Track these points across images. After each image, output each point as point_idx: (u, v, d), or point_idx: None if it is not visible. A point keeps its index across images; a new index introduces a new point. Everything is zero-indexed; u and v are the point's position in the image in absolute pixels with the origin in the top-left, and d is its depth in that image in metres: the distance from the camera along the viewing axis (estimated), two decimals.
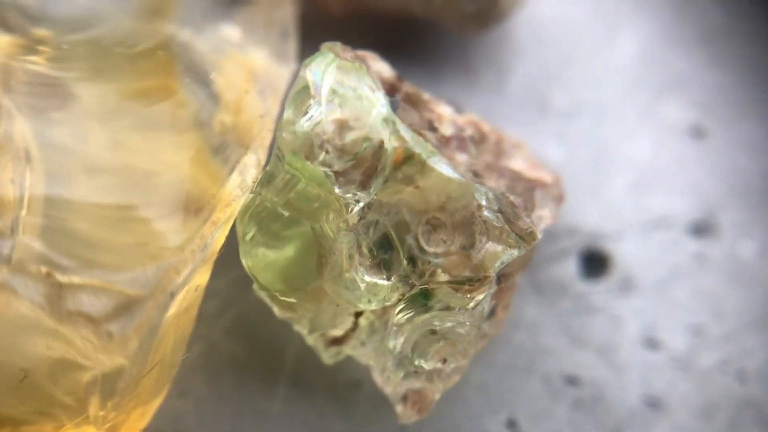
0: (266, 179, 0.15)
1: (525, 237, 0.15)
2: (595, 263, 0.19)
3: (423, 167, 0.15)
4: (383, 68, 0.17)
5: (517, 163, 0.18)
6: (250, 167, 0.16)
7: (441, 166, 0.15)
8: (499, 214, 0.15)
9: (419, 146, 0.15)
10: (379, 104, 0.15)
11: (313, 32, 0.20)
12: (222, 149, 0.16)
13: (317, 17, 0.20)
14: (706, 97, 0.20)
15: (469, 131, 0.17)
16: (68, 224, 0.14)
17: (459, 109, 0.18)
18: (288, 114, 0.15)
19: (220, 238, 0.15)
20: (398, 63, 0.21)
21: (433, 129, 0.17)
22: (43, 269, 0.13)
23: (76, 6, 0.16)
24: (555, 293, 0.19)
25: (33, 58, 0.15)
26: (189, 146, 0.16)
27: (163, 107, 0.16)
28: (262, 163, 0.16)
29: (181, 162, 0.15)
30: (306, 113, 0.15)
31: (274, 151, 0.16)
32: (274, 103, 0.18)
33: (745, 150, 0.20)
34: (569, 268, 0.19)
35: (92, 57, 0.15)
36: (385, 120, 0.15)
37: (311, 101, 0.15)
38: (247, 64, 0.18)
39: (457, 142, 0.17)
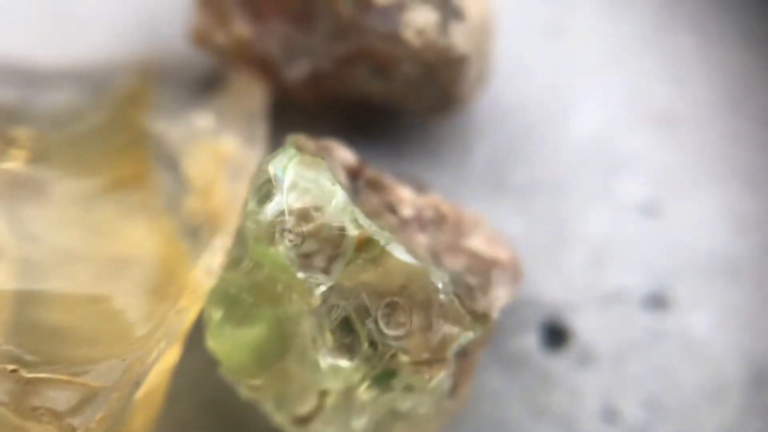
0: (232, 263, 0.16)
1: (480, 319, 0.16)
2: (555, 335, 0.20)
3: (382, 253, 0.15)
4: (346, 155, 0.18)
5: (475, 242, 0.18)
6: (217, 252, 0.17)
7: (398, 252, 0.15)
8: (454, 297, 0.15)
9: (378, 234, 0.16)
10: (338, 195, 0.15)
11: (283, 117, 0.21)
12: (191, 235, 0.17)
13: (287, 103, 0.21)
14: (658, 175, 0.21)
15: (428, 213, 0.18)
16: (37, 317, 0.14)
17: (421, 189, 0.19)
18: (251, 205, 0.15)
19: (186, 325, 0.16)
20: (365, 145, 0.22)
21: (393, 211, 0.18)
22: (9, 367, 0.13)
23: (54, 105, 0.17)
24: (517, 365, 0.20)
25: (9, 158, 0.15)
26: (160, 233, 0.16)
27: (136, 196, 0.16)
28: (229, 248, 0.17)
29: (152, 249, 0.16)
30: (269, 204, 0.15)
31: (239, 237, 0.16)
32: (242, 188, 0.18)
33: (696, 227, 0.21)
34: (530, 340, 0.20)
35: (69, 155, 0.16)
36: (345, 209, 0.15)
37: (273, 192, 0.15)
38: (217, 150, 0.19)
39: (418, 223, 0.18)
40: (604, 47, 0.22)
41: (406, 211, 0.18)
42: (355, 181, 0.18)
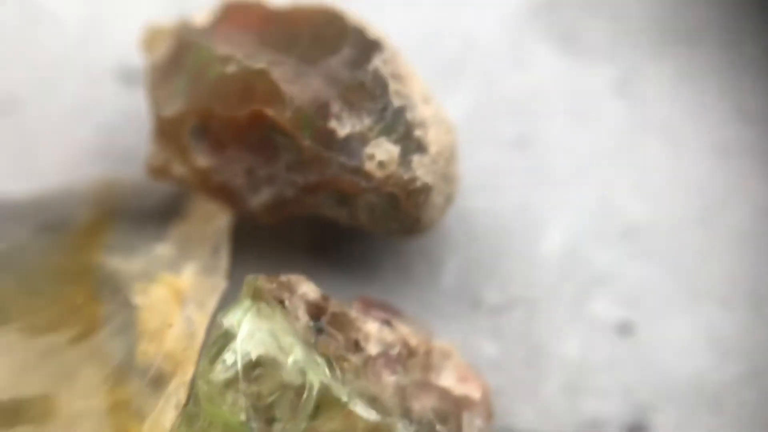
0: (187, 421, 0.15)
1: None
2: None
3: (344, 410, 0.15)
4: (309, 290, 0.17)
5: (445, 379, 0.18)
6: (170, 405, 0.16)
7: (361, 409, 0.15)
8: None
9: (339, 390, 0.15)
10: (296, 350, 0.15)
11: (248, 237, 0.21)
12: (145, 384, 0.16)
13: (251, 224, 0.20)
14: (632, 293, 0.21)
15: (396, 349, 0.17)
16: None
17: (387, 319, 0.18)
18: (205, 363, 0.15)
19: None
20: (331, 264, 0.21)
21: (359, 349, 0.17)
22: None
23: (7, 245, 0.16)
24: None
25: None
26: (111, 385, 0.15)
27: (87, 345, 0.16)
28: (182, 402, 0.16)
29: (102, 404, 0.15)
30: (223, 362, 0.15)
31: (194, 392, 0.15)
32: (200, 325, 0.18)
33: (673, 349, 0.20)
34: None
35: (17, 306, 0.15)
36: (303, 365, 0.15)
37: (228, 348, 0.15)
38: (175, 285, 0.18)
39: (384, 360, 0.17)
40: (572, 158, 0.22)
41: (373, 349, 0.17)
42: (319, 319, 0.17)
